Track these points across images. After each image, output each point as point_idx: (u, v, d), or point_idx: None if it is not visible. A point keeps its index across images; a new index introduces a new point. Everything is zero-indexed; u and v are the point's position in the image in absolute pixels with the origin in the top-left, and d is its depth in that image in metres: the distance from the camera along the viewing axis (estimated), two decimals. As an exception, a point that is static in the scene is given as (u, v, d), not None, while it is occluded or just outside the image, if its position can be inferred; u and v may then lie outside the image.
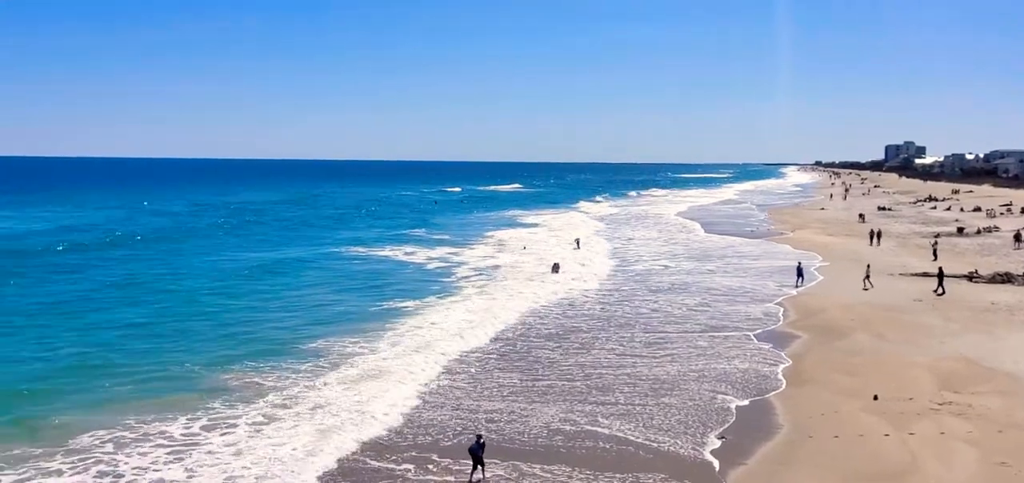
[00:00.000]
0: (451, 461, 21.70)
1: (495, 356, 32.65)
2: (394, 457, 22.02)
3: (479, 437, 21.50)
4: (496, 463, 21.31)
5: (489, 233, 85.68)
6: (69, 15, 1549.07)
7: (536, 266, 57.74)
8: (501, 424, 24.57)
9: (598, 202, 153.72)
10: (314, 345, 33.38)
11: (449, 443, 23.16)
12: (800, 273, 49.79)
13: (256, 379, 28.58)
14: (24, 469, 20.79)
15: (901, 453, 21.86)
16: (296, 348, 32.88)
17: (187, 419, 24.41)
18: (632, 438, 23.72)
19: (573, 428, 24.42)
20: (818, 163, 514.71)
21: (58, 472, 20.70)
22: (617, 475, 21.00)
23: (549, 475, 21.00)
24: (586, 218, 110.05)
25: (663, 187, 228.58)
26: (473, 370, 30.54)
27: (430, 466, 21.49)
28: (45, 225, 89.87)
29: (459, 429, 24.22)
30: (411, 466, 21.41)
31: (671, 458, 22.28)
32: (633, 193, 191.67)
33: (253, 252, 66.94)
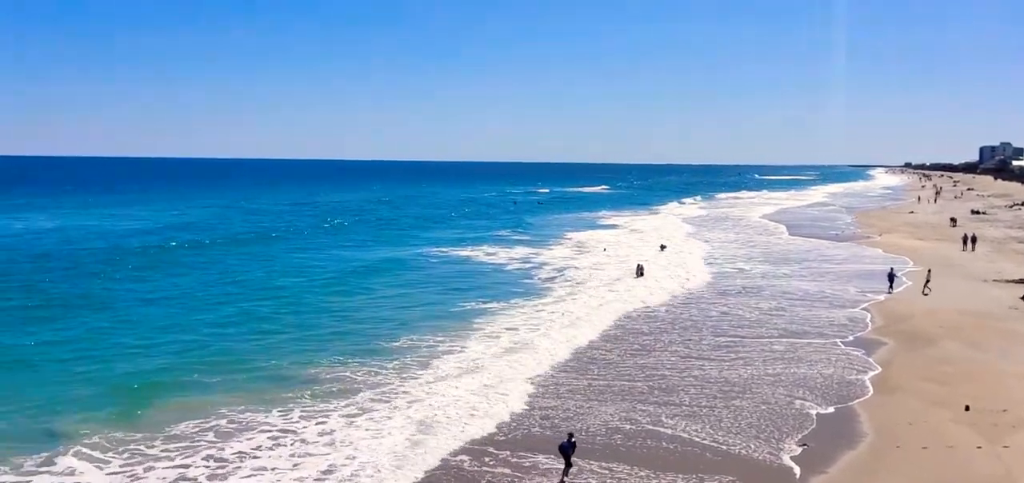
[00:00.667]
0: (543, 458, 22.11)
1: (580, 358, 32.95)
2: (487, 455, 22.49)
3: (570, 436, 21.88)
4: (578, 462, 21.68)
5: (570, 234, 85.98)
6: (139, 18, 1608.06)
7: (618, 269, 57.82)
8: (576, 422, 24.94)
9: (685, 204, 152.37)
10: (402, 343, 34.38)
11: (537, 438, 23.62)
12: (892, 279, 48.64)
13: (348, 374, 29.71)
14: (127, 453, 22.21)
15: (994, 467, 21.29)
16: (385, 345, 33.97)
17: (284, 410, 25.61)
18: (697, 439, 23.77)
19: (633, 427, 24.65)
20: (908, 165, 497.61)
21: (164, 457, 22.04)
22: (680, 475, 21.12)
23: (606, 471, 21.26)
24: (674, 220, 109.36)
25: (750, 189, 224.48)
26: (556, 371, 30.95)
27: (520, 462, 21.97)
28: (156, 223, 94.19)
29: (542, 426, 24.71)
30: (503, 465, 21.81)
31: (741, 461, 22.23)
32: (720, 195, 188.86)
33: (350, 251, 68.79)
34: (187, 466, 21.42)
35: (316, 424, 24.47)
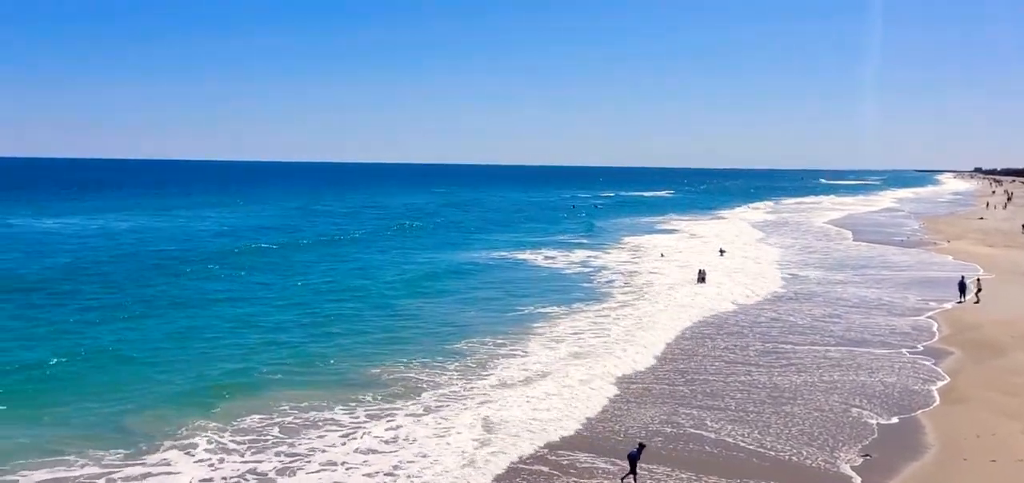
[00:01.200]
0: (601, 461, 22.42)
1: (637, 363, 33.04)
2: (551, 459, 22.78)
3: (641, 445, 21.92)
4: (618, 462, 21.87)
5: (629, 238, 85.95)
6: (195, 24, 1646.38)
7: (678, 274, 57.73)
8: (614, 423, 25.14)
9: (750, 208, 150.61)
10: (464, 345, 34.97)
11: (597, 443, 23.90)
12: (962, 287, 47.47)
13: (412, 374, 30.41)
14: (200, 443, 23.27)
15: (1065, 481, 20.83)
16: (448, 347, 34.58)
17: (349, 408, 26.40)
18: (743, 444, 23.71)
19: (674, 430, 24.85)
20: (978, 170, 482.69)
21: (234, 450, 22.98)
22: (723, 478, 21.17)
23: (645, 472, 21.44)
24: (741, 225, 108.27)
25: (817, 194, 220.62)
26: (615, 376, 31.10)
27: (582, 465, 22.28)
28: (231, 225, 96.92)
29: (603, 431, 25.00)
30: (566, 471, 22.07)
31: (792, 467, 22.13)
32: (786, 200, 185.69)
33: (415, 254, 69.87)
34: (259, 461, 22.28)
35: (383, 423, 25.13)
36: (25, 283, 49.57)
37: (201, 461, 22.19)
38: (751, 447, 23.57)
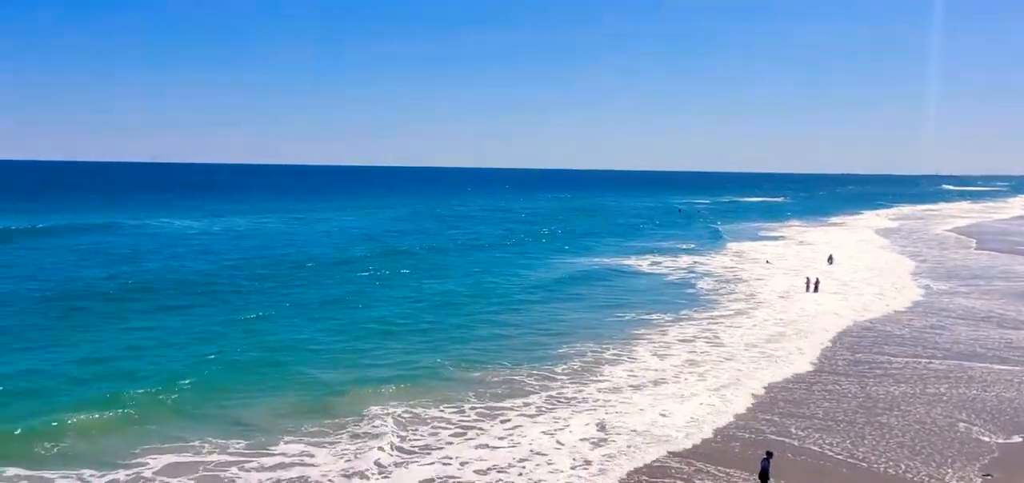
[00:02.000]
0: (714, 468, 22.59)
1: (739, 372, 32.94)
2: (673, 464, 23.01)
3: (769, 454, 21.73)
4: (694, 463, 22.26)
5: (735, 244, 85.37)
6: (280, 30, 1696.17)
7: (785, 281, 57.23)
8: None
9: (875, 214, 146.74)
10: (574, 350, 35.89)
11: (712, 451, 23.86)
12: None
13: (522, 377, 31.48)
14: (316, 434, 24.98)
15: None
16: (557, 353, 35.32)
17: (457, 407, 27.55)
18: (830, 453, 23.37)
19: (752, 436, 24.83)
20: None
21: (350, 438, 24.60)
22: None
23: (722, 475, 21.69)
24: (864, 231, 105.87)
25: (941, 200, 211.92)
26: (720, 384, 31.05)
27: (711, 472, 22.42)
28: (371, 230, 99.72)
29: (718, 439, 25.00)
30: (678, 477, 22.23)
31: (892, 481, 21.60)
32: (906, 207, 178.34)
33: (551, 259, 71.28)
34: (381, 449, 23.70)
35: (499, 422, 26.15)
36: (207, 278, 53.95)
37: (339, 456, 23.55)
38: (839, 457, 23.22)
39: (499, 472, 22.39)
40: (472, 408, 27.59)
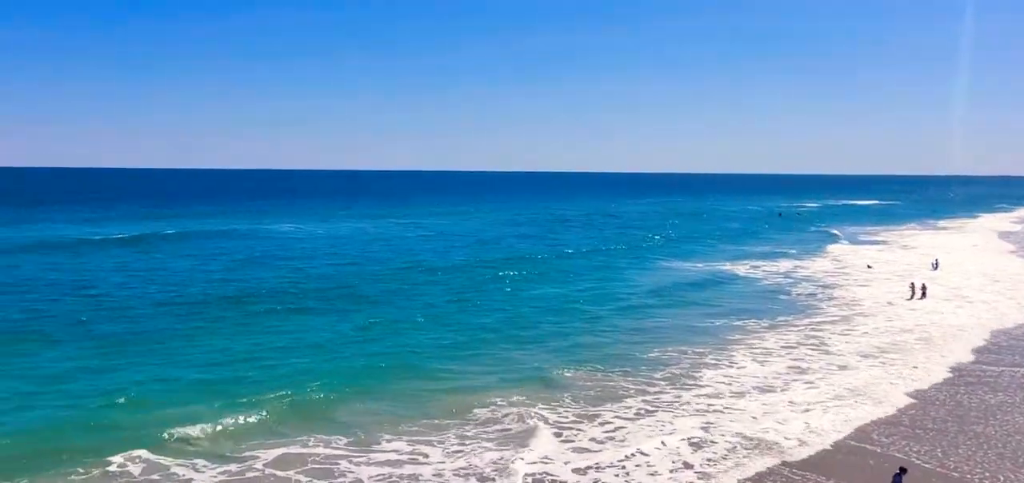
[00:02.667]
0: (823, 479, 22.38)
1: (856, 379, 32.63)
2: (788, 472, 22.90)
3: (903, 469, 21.33)
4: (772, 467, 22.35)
5: (835, 247, 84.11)
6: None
7: (887, 288, 56.04)
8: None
9: (994, 217, 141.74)
10: (669, 354, 36.40)
11: (849, 465, 23.41)
12: None
13: (614, 381, 32.11)
14: (426, 431, 26.11)
15: None
16: (647, 359, 35.69)
17: (552, 407, 28.51)
18: (917, 460, 23.05)
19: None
20: None
21: (457, 439, 25.60)
22: None
23: (799, 477, 21.74)
24: (987, 234, 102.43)
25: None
26: (849, 393, 30.54)
27: None
28: (499, 233, 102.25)
29: (836, 453, 24.52)
30: None
31: None
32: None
33: (658, 263, 71.75)
34: (490, 448, 24.68)
35: (598, 425, 26.80)
36: (343, 283, 56.48)
37: (447, 457, 24.72)
38: (927, 465, 22.93)
39: (595, 471, 23.02)
40: (569, 410, 28.35)
